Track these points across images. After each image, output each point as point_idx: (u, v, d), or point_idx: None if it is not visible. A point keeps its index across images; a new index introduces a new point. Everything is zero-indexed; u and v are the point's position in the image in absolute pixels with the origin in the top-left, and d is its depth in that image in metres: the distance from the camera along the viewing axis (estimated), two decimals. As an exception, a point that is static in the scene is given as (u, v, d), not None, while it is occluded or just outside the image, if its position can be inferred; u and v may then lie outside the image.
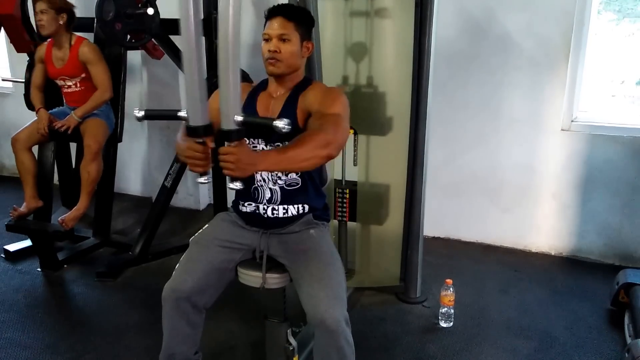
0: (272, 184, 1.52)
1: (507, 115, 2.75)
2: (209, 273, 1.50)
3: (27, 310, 2.28)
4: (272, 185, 1.52)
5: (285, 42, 1.47)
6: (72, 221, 2.47)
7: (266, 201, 1.53)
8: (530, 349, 2.00)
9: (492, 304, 2.33)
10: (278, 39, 1.47)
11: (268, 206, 1.53)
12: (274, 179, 1.53)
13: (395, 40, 2.19)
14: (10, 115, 3.93)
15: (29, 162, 2.55)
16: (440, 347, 2.01)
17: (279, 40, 1.47)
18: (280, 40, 1.47)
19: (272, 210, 1.53)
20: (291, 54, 1.48)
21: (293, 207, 1.54)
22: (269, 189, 1.53)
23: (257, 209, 1.54)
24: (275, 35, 1.47)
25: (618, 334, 2.08)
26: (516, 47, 2.65)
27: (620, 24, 2.67)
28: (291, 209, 1.54)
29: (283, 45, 1.47)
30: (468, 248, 2.91)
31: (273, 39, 1.47)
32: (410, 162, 2.24)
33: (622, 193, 2.63)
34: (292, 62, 1.50)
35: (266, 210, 1.53)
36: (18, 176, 2.61)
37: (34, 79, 2.58)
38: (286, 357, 1.63)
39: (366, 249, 2.42)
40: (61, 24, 2.42)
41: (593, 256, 2.74)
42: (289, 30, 1.47)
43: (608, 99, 2.75)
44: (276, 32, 1.47)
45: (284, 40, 1.47)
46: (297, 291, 1.45)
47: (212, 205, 3.41)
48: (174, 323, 1.49)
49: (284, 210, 1.53)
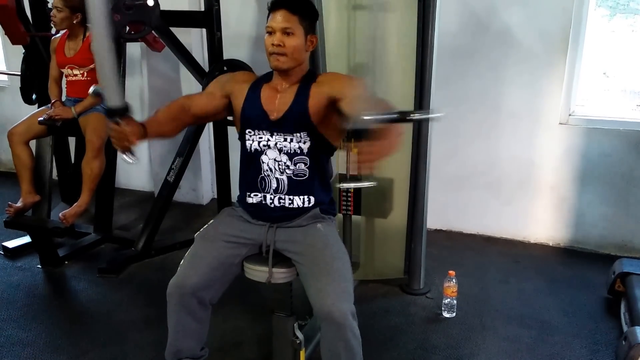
0: (279, 174, 1.52)
1: (507, 109, 2.77)
2: (214, 268, 1.50)
3: (28, 307, 2.27)
4: (279, 175, 1.53)
5: (289, 35, 1.45)
6: (72, 217, 2.45)
7: (273, 191, 1.53)
8: (530, 337, 2.04)
9: (494, 294, 2.37)
10: (282, 33, 1.45)
11: (275, 196, 1.53)
12: (282, 168, 1.52)
13: (398, 34, 2.19)
14: (6, 108, 3.87)
15: (26, 156, 2.52)
16: (443, 337, 2.04)
17: (283, 34, 1.45)
18: (284, 34, 1.45)
19: (278, 200, 1.53)
20: (295, 48, 1.47)
21: (299, 198, 1.54)
22: (276, 178, 1.53)
23: (263, 199, 1.55)
24: (279, 29, 1.45)
25: (615, 322, 2.12)
26: (516, 42, 2.67)
27: (613, 19, 2.69)
28: (297, 200, 1.54)
29: (287, 39, 1.45)
30: (469, 240, 2.95)
31: (277, 33, 1.45)
32: (413, 156, 2.25)
33: (618, 185, 2.68)
34: (296, 56, 1.48)
35: (273, 200, 1.53)
36: (14, 171, 2.58)
37: (50, 70, 2.58)
38: (293, 351, 1.64)
39: (370, 242, 2.44)
40: (75, 23, 2.43)
41: (590, 246, 2.79)
42: (293, 24, 1.45)
43: (602, 93, 2.78)
44: (280, 26, 1.45)
45: (288, 34, 1.45)
46: (303, 285, 1.46)
47: (215, 199, 3.42)
48: (180, 319, 1.49)
49: (290, 201, 1.53)
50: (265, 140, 1.53)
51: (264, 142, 1.53)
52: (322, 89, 1.49)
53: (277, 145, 1.52)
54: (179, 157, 2.69)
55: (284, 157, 1.52)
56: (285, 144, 1.51)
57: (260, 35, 3.15)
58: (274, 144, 1.52)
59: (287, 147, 1.51)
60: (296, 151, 1.51)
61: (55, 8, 2.40)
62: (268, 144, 1.53)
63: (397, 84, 2.23)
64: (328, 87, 1.49)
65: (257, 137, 1.53)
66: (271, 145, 1.52)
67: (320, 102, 1.49)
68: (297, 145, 1.51)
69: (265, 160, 1.53)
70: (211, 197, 3.58)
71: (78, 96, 2.51)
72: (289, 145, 1.51)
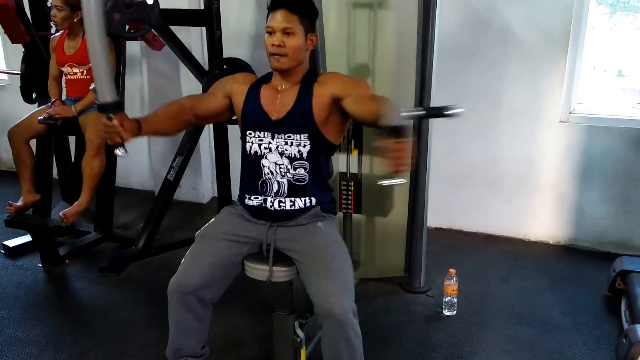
0: (280, 177, 1.52)
1: (507, 107, 2.77)
2: (215, 267, 1.50)
3: (29, 306, 2.27)
4: (280, 178, 1.52)
5: (289, 35, 1.45)
6: (73, 216, 2.45)
7: (274, 194, 1.53)
8: (530, 336, 2.04)
9: (494, 292, 2.37)
10: (282, 33, 1.44)
11: (275, 199, 1.53)
12: (283, 172, 1.52)
13: (398, 32, 2.18)
14: (6, 107, 3.87)
15: (26, 155, 2.52)
16: (444, 335, 2.05)
17: (283, 34, 1.44)
18: (284, 34, 1.44)
19: (279, 203, 1.53)
20: (296, 48, 1.46)
21: (300, 200, 1.54)
22: (277, 182, 1.52)
23: (264, 202, 1.54)
24: (279, 29, 1.44)
25: (615, 319, 2.13)
26: (516, 39, 2.66)
27: (613, 17, 2.69)
28: (298, 202, 1.54)
29: (287, 39, 1.45)
30: (470, 238, 2.95)
31: (277, 33, 1.45)
32: (414, 154, 2.24)
33: (618, 183, 2.68)
34: (297, 56, 1.48)
35: (273, 203, 1.53)
36: (15, 170, 2.58)
37: (50, 69, 2.57)
38: (294, 349, 1.64)
39: (371, 240, 2.44)
40: (75, 21, 2.42)
41: (590, 244, 2.79)
42: (293, 24, 1.44)
43: (602, 90, 2.78)
44: (280, 26, 1.44)
45: (288, 34, 1.44)
46: (304, 283, 1.46)
47: (215, 198, 3.41)
48: (181, 318, 1.49)
49: (291, 203, 1.53)
50: (267, 143, 1.52)
51: (264, 144, 1.52)
52: (326, 88, 1.50)
53: (278, 149, 1.51)
54: (179, 156, 2.69)
55: (285, 160, 1.52)
56: (287, 147, 1.51)
57: (260, 34, 3.15)
58: (275, 147, 1.52)
59: (288, 150, 1.51)
60: (296, 155, 1.51)
61: (55, 7, 2.39)
62: (269, 147, 1.52)
63: (397, 82, 2.23)
64: (332, 87, 1.49)
65: (258, 140, 1.53)
66: (272, 148, 1.52)
67: (324, 101, 1.49)
68: (296, 149, 1.51)
69: (266, 164, 1.53)
70: (211, 195, 3.57)
71: (78, 95, 2.50)
72: (290, 148, 1.51)
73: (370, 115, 1.35)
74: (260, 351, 1.95)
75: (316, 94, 1.50)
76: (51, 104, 2.49)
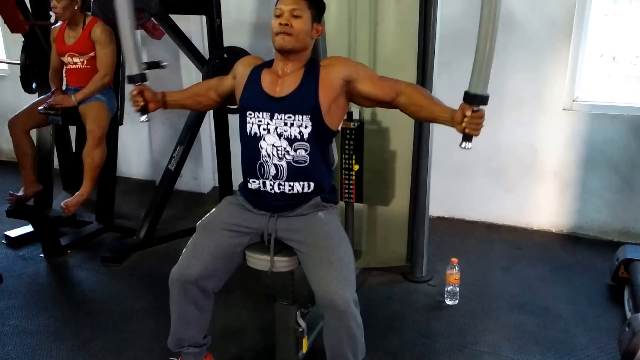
0: (277, 160, 1.51)
1: (510, 95, 2.74)
2: (216, 257, 1.50)
3: (31, 296, 2.28)
4: (277, 160, 1.51)
5: (297, 18, 1.48)
6: (74, 206, 2.44)
7: (272, 177, 1.52)
8: (533, 325, 2.04)
9: (496, 282, 2.37)
10: (290, 14, 1.48)
11: (274, 182, 1.52)
12: (281, 154, 1.50)
13: (400, 19, 2.16)
14: (7, 97, 3.85)
15: (27, 145, 2.52)
16: (446, 325, 2.05)
17: (291, 16, 1.48)
18: (292, 16, 1.48)
19: (278, 186, 1.52)
20: (302, 30, 1.49)
21: (299, 184, 1.52)
22: (274, 164, 1.51)
23: (262, 185, 1.53)
24: (288, 10, 1.48)
25: (618, 308, 2.12)
26: (520, 26, 2.62)
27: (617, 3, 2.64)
28: (297, 186, 1.52)
29: (295, 20, 1.48)
30: (472, 227, 2.94)
31: (285, 14, 1.48)
32: (415, 143, 2.23)
33: (621, 171, 2.66)
34: (302, 37, 1.49)
35: (273, 186, 1.52)
36: (16, 160, 2.57)
37: (51, 60, 2.56)
38: (295, 339, 1.65)
39: (372, 230, 2.43)
40: (76, 9, 2.41)
41: (593, 233, 2.78)
42: (301, 7, 1.49)
43: (605, 78, 2.74)
44: (288, 7, 1.48)
45: (296, 16, 1.48)
46: (305, 273, 1.46)
47: (216, 188, 3.41)
48: (182, 308, 1.50)
49: (290, 187, 1.52)
50: (265, 124, 1.51)
51: (263, 125, 1.51)
52: (335, 71, 1.51)
53: (277, 130, 1.50)
54: (180, 146, 2.68)
55: (283, 142, 1.50)
56: (286, 128, 1.50)
57: (260, 23, 3.11)
58: (273, 128, 1.50)
59: (287, 132, 1.50)
60: (296, 136, 1.50)
61: None
62: (268, 128, 1.51)
63: (399, 69, 2.19)
64: (342, 69, 1.52)
65: (257, 120, 1.52)
66: (271, 129, 1.51)
67: (334, 84, 1.50)
68: (297, 130, 1.49)
69: (264, 146, 1.51)
70: (212, 185, 3.57)
71: (78, 85, 2.49)
72: (290, 130, 1.50)
73: (386, 95, 1.51)
74: (262, 341, 1.95)
75: (323, 77, 1.51)
76: (51, 94, 2.47)
